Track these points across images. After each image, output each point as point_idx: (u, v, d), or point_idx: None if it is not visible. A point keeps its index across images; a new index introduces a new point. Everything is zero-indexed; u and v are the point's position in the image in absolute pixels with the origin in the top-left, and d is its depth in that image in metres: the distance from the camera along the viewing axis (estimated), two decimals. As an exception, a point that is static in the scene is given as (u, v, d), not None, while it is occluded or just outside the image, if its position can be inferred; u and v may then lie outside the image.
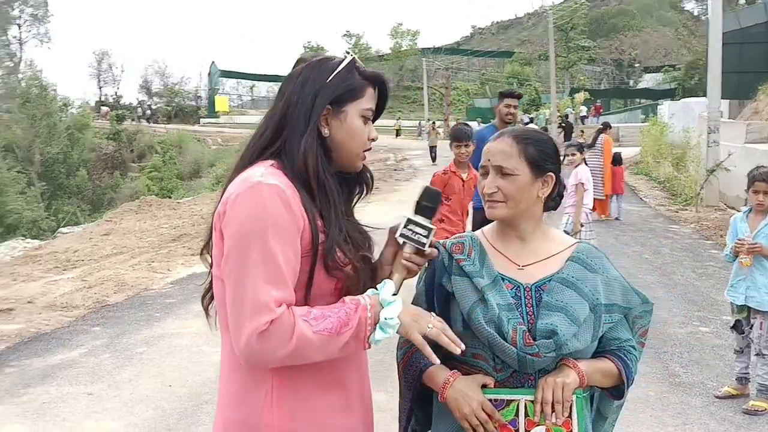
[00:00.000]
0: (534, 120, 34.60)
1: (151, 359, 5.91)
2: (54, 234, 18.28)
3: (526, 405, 1.77)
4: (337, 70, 1.77)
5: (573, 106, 45.08)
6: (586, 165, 8.22)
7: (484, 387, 1.81)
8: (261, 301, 1.55)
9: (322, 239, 1.68)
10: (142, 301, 7.89)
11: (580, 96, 47.84)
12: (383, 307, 1.66)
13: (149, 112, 59.73)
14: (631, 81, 71.15)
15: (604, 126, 13.46)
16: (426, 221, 1.79)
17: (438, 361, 1.73)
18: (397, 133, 48.66)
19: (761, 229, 4.70)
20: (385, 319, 1.65)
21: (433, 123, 33.70)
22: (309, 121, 1.74)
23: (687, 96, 35.88)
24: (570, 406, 1.76)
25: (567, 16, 54.50)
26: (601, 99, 51.92)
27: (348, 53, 1.86)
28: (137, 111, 55.51)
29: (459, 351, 1.72)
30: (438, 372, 1.87)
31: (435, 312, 1.95)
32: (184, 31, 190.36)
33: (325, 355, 1.62)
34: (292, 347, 1.56)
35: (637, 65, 70.52)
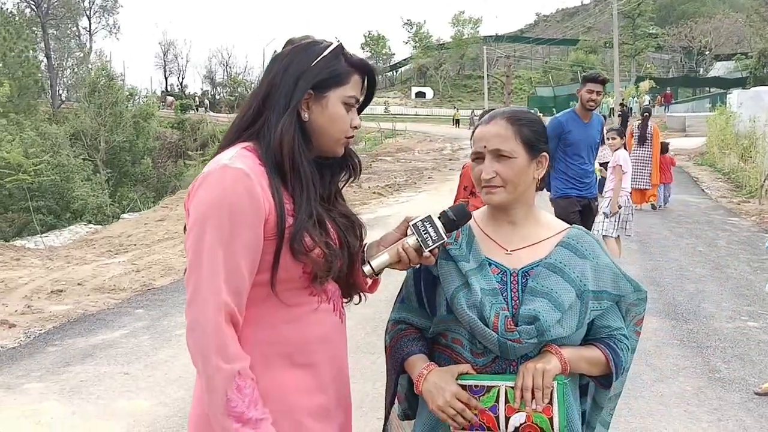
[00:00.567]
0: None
1: (189, 341, 6.02)
2: (117, 220, 18.84)
3: (506, 391, 1.73)
4: (323, 54, 1.76)
5: (638, 95, 43.92)
6: (625, 149, 7.95)
7: (464, 374, 1.78)
8: (209, 295, 1.59)
9: (290, 223, 1.66)
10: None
11: (645, 84, 46.54)
12: None
13: (207, 101, 61.02)
14: (701, 69, 68.83)
15: (647, 113, 12.67)
16: (443, 230, 1.77)
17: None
18: (457, 123, 48.46)
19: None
20: None
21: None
22: (289, 104, 1.73)
23: (758, 85, 34.51)
24: (551, 392, 1.71)
25: (634, 2, 53.11)
26: (669, 88, 50.35)
27: (336, 39, 1.84)
28: (194, 101, 56.80)
29: None
30: (416, 364, 1.87)
31: (422, 296, 1.94)
32: (247, 21, 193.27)
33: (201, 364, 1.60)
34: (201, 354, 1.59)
35: (708, 53, 68.08)
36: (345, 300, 1.91)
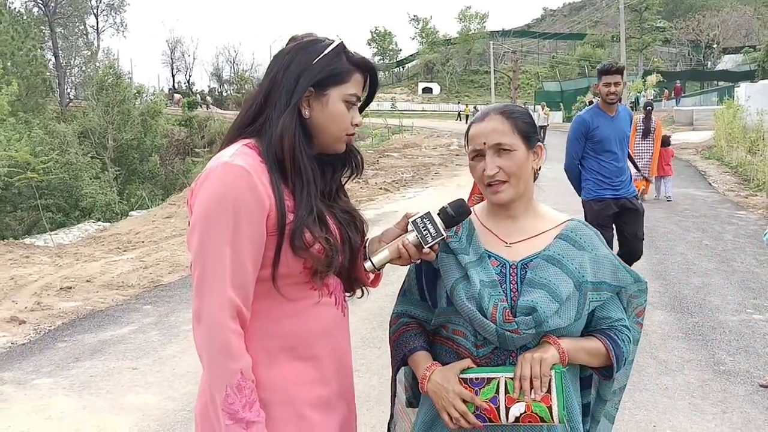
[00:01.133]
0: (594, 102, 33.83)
1: (196, 337, 6.07)
2: (126, 217, 18.93)
3: (506, 382, 1.76)
4: (324, 52, 1.78)
5: (645, 89, 43.71)
6: None
7: (466, 369, 1.82)
8: (214, 291, 1.63)
9: (290, 219, 1.69)
10: (194, 282, 8.10)
11: (652, 78, 46.32)
12: None
13: (209, 98, 61.27)
14: (709, 63, 68.44)
15: (650, 107, 12.65)
16: (442, 226, 1.80)
17: None
18: (459, 117, 48.71)
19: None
20: None
21: (543, 104, 33.55)
22: (290, 102, 1.75)
23: (766, 78, 34.31)
24: (549, 381, 1.74)
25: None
26: (678, 81, 50.03)
27: (338, 37, 1.87)
28: (197, 97, 57.14)
29: None
30: (420, 363, 1.91)
31: (423, 289, 1.98)
32: (254, 18, 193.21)
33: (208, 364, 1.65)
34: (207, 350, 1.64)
35: (715, 46, 67.68)
36: (347, 294, 1.94)
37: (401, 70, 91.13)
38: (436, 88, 78.93)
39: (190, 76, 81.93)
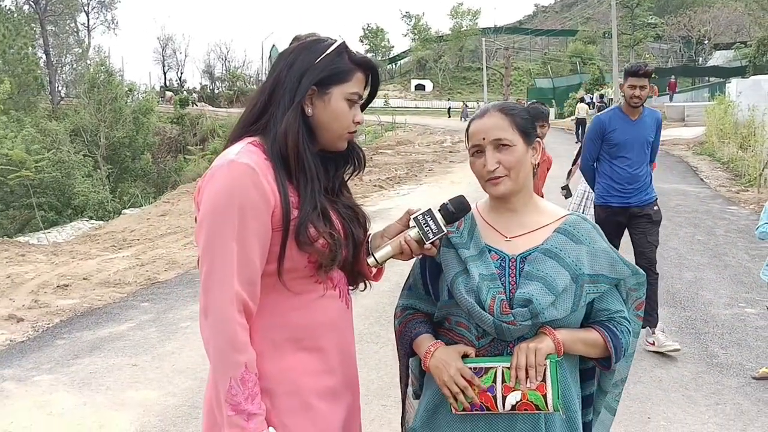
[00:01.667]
0: (586, 99, 33.80)
1: (195, 333, 6.10)
2: (119, 215, 18.91)
3: (503, 371, 1.81)
4: (326, 52, 1.82)
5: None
6: None
7: (465, 356, 1.87)
8: (222, 286, 1.67)
9: (294, 215, 1.74)
10: (190, 279, 8.13)
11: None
12: None
13: (194, 95, 61.26)
14: (700, 59, 68.68)
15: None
16: (442, 223, 1.86)
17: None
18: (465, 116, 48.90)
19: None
20: None
21: (582, 98, 33.42)
22: (293, 100, 1.79)
23: (758, 74, 34.46)
24: (544, 371, 1.79)
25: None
26: (673, 76, 50.08)
27: (340, 37, 1.91)
28: (184, 94, 57.15)
29: None
30: (423, 342, 1.97)
31: (427, 283, 2.03)
32: (245, 15, 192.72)
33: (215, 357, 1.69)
34: (214, 342, 1.68)
35: (707, 42, 67.91)
36: (351, 287, 1.99)
37: (394, 67, 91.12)
38: (428, 84, 79.00)
39: (181, 73, 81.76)
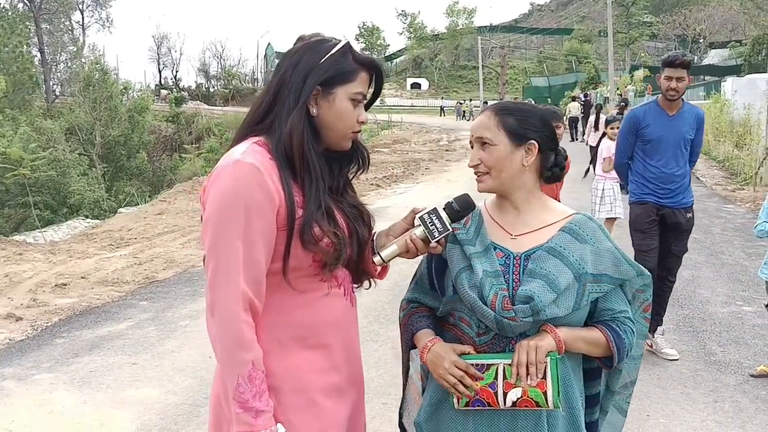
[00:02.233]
0: (588, 97, 33.73)
1: (194, 331, 6.11)
2: (114, 214, 18.88)
3: (504, 368, 1.84)
4: (331, 52, 1.83)
5: (633, 84, 43.83)
6: (611, 140, 7.92)
7: (466, 354, 1.90)
8: (228, 284, 1.68)
9: (299, 215, 1.75)
10: (189, 278, 8.14)
11: (639, 73, 46.52)
12: None
13: (186, 94, 61.25)
14: (696, 57, 68.74)
15: (624, 104, 13.01)
16: (448, 221, 1.89)
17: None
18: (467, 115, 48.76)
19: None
20: None
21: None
22: (298, 100, 1.80)
23: (753, 72, 34.52)
24: (545, 368, 1.81)
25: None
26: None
27: (344, 37, 1.93)
28: (175, 91, 57.13)
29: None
30: (423, 337, 2.00)
31: (433, 278, 2.06)
32: (241, 13, 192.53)
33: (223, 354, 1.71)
34: (221, 340, 1.70)
35: (702, 41, 68.03)
36: (355, 285, 2.00)
37: (390, 65, 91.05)
38: (424, 83, 78.99)
39: (176, 72, 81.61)
